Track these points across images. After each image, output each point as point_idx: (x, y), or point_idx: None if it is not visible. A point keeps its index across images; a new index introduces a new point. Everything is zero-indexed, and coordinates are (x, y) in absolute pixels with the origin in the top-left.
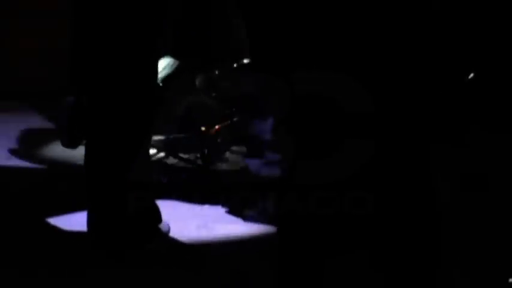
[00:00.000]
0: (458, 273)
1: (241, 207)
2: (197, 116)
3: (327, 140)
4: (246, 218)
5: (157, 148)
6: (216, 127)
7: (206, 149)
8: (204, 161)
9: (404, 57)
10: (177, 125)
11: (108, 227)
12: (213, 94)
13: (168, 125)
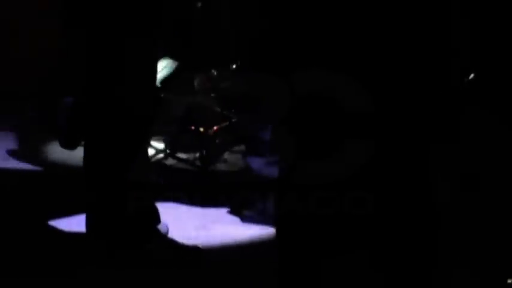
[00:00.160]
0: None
1: (240, 207)
2: (196, 117)
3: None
4: (245, 219)
5: (156, 149)
6: (215, 128)
7: (205, 150)
8: (203, 162)
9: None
10: (176, 126)
11: (107, 228)
12: (212, 95)
13: (167, 126)
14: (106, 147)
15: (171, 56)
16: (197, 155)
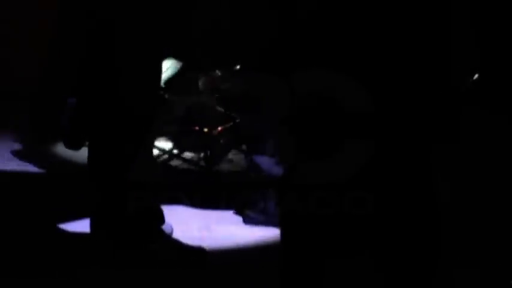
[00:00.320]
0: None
1: (243, 208)
2: (200, 117)
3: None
4: (248, 219)
5: (160, 149)
6: (219, 128)
7: (209, 150)
8: (207, 162)
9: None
10: (180, 126)
11: (111, 228)
12: (216, 95)
13: (171, 126)
14: (110, 147)
15: (175, 56)
16: (201, 156)
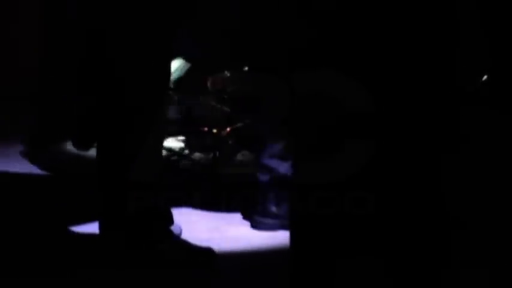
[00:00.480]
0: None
1: (251, 212)
2: (208, 118)
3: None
4: (256, 224)
5: (169, 150)
6: (228, 129)
7: (218, 151)
8: (216, 163)
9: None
10: (188, 127)
11: (120, 228)
12: (225, 96)
13: (180, 127)
14: (119, 148)
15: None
16: (210, 156)
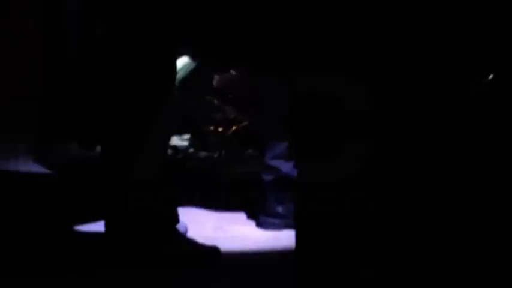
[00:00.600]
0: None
1: (257, 211)
2: (213, 117)
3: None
4: (263, 219)
5: (174, 149)
6: (234, 128)
7: (223, 150)
8: (221, 162)
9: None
10: (194, 126)
11: (125, 228)
12: (231, 95)
13: (185, 127)
14: (123, 147)
15: (190, 55)
16: (215, 156)
